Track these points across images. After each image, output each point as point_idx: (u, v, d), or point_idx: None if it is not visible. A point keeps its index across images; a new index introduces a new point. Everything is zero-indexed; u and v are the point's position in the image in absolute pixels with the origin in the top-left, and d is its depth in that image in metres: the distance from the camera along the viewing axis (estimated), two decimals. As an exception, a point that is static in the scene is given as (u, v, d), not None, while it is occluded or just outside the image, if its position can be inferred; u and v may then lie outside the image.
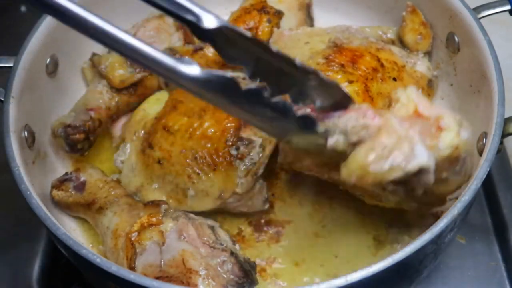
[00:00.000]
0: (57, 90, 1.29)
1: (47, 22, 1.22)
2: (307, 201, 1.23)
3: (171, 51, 1.31)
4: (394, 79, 1.22)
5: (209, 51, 1.31)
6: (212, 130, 1.14)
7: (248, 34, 0.87)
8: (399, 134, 0.86)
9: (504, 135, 1.05)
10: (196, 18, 0.84)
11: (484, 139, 1.10)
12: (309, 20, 1.42)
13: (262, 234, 1.19)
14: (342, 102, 0.94)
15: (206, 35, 0.85)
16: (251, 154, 1.13)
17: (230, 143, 1.13)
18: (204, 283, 0.97)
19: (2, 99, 1.12)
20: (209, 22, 0.84)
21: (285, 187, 1.25)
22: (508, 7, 1.20)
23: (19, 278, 1.25)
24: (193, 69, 0.79)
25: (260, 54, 0.88)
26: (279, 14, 1.34)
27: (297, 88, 0.93)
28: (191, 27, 0.85)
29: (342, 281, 0.87)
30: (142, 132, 1.21)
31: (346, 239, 1.17)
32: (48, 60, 1.24)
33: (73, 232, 1.19)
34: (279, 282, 1.13)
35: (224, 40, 0.86)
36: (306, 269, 1.14)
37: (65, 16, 0.80)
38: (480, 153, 1.11)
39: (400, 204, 1.08)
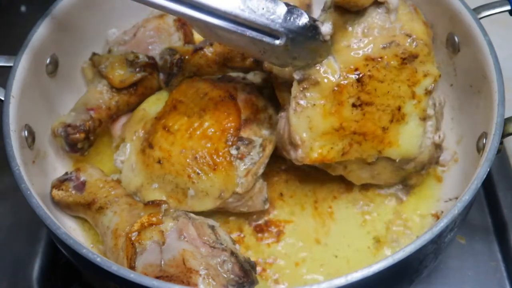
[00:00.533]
0: (57, 90, 1.29)
1: (47, 22, 1.22)
2: (307, 201, 1.23)
3: (171, 51, 1.31)
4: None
5: (209, 51, 1.31)
6: (212, 130, 1.14)
7: None
8: None
9: (504, 135, 1.05)
10: None
11: (484, 139, 1.10)
12: (309, 20, 1.42)
13: (262, 234, 1.19)
14: None
15: None
16: (251, 154, 1.13)
17: (230, 143, 1.13)
18: (204, 282, 0.96)
19: (2, 99, 1.12)
20: None
21: (285, 187, 1.25)
22: (508, 7, 1.20)
23: (19, 278, 1.25)
24: None
25: None
26: (279, 14, 1.33)
27: None
28: None
29: (342, 281, 0.87)
30: (142, 132, 1.21)
31: (346, 239, 1.17)
32: (48, 60, 1.24)
33: (73, 232, 1.19)
34: (279, 282, 1.13)
35: None
36: (306, 269, 1.14)
37: None
38: (480, 153, 1.11)
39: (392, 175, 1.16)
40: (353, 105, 1.05)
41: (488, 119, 1.08)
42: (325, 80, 1.05)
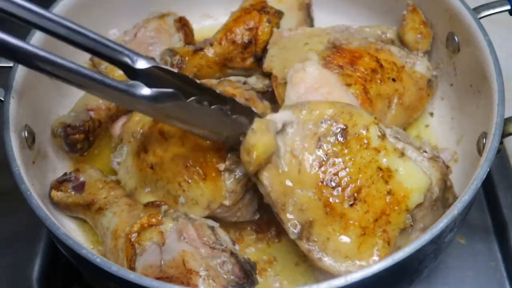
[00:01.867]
0: (57, 90, 1.29)
1: (47, 22, 1.22)
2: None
3: (171, 52, 1.31)
4: (393, 80, 1.22)
5: (210, 51, 1.31)
6: (205, 138, 1.12)
7: (174, 70, 1.00)
8: None
9: (504, 135, 1.05)
10: (130, 60, 0.95)
11: (484, 139, 1.10)
12: (309, 20, 1.42)
13: (262, 234, 1.19)
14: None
15: (138, 75, 0.95)
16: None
17: (222, 153, 1.11)
18: (205, 283, 0.97)
19: (2, 99, 1.12)
20: (141, 63, 0.95)
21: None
22: (508, 7, 1.20)
23: (19, 278, 1.25)
24: (145, 90, 0.92)
25: (185, 87, 1.00)
26: (279, 14, 1.34)
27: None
28: (124, 68, 0.96)
29: (342, 281, 0.87)
30: (140, 134, 1.20)
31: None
32: (48, 60, 1.24)
33: (73, 232, 1.19)
34: (279, 282, 1.13)
35: (154, 78, 0.96)
36: (306, 269, 1.14)
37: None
38: (480, 153, 1.11)
39: None
40: (351, 205, 1.03)
41: (488, 119, 1.08)
42: (314, 213, 1.03)
